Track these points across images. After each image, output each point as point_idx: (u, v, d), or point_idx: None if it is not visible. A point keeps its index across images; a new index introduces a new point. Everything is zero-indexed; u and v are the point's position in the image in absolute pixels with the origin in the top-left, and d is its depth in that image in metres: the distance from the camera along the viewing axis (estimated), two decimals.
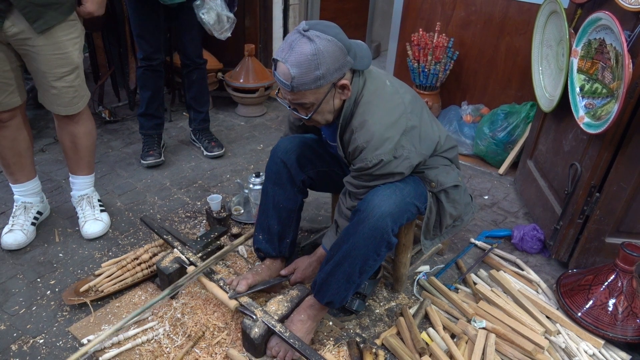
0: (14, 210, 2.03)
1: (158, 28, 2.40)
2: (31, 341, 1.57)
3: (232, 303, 1.55)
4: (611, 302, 1.65)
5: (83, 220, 2.05)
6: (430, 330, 1.64)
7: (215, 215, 2.04)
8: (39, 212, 2.07)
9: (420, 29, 2.85)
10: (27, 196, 2.04)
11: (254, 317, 1.50)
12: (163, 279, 1.71)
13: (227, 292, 1.59)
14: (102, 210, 2.11)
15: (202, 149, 2.77)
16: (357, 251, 1.42)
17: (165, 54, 2.54)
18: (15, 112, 1.86)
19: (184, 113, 3.27)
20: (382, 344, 1.59)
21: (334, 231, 1.61)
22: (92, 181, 2.12)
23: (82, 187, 2.09)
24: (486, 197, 2.51)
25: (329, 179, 1.76)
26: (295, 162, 1.67)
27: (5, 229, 1.97)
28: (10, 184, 2.05)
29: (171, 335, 1.58)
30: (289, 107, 1.43)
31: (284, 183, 1.69)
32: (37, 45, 1.67)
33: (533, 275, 1.93)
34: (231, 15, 2.46)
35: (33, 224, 2.02)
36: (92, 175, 2.11)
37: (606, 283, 1.67)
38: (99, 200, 2.14)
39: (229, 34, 2.51)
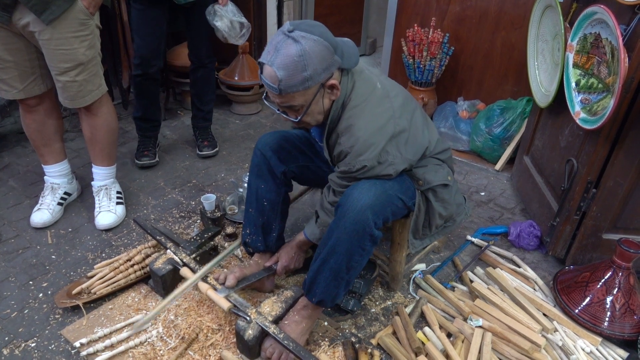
0: (43, 190, 2.15)
1: (162, 32, 2.36)
2: (23, 345, 1.56)
3: (226, 305, 1.53)
4: (608, 299, 1.64)
5: (98, 211, 2.11)
6: (427, 329, 1.63)
7: (209, 215, 2.02)
8: (66, 193, 2.18)
9: (415, 25, 2.83)
10: (55, 177, 2.14)
11: (248, 318, 1.48)
12: (156, 280, 1.70)
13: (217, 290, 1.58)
14: (118, 203, 2.15)
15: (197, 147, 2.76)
16: (341, 247, 1.41)
17: (162, 60, 2.49)
18: (42, 99, 1.96)
19: (179, 112, 3.25)
20: (378, 344, 1.58)
21: (314, 220, 1.64)
22: (112, 173, 2.19)
23: (101, 177, 2.15)
24: (482, 194, 2.50)
25: (313, 174, 1.75)
26: (274, 154, 1.67)
27: (35, 208, 2.10)
28: (42, 165, 2.15)
29: (164, 338, 1.57)
30: (278, 110, 1.41)
31: (265, 175, 1.69)
32: (43, 39, 1.71)
33: (530, 272, 1.91)
34: (244, 20, 2.44)
35: (60, 204, 2.14)
36: (111, 167, 2.17)
37: (603, 280, 1.66)
38: (118, 192, 2.19)
39: (245, 39, 2.49)
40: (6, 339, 1.57)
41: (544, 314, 1.70)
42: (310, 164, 1.73)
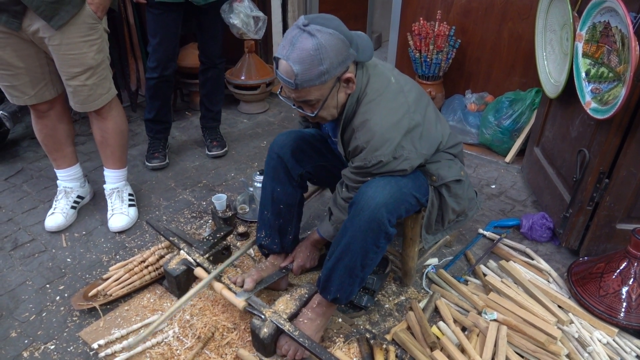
0: (57, 194, 2.17)
1: (177, 35, 2.37)
2: (42, 347, 1.58)
3: (241, 303, 1.54)
4: (624, 289, 1.63)
5: (111, 213, 2.13)
6: (441, 323, 1.63)
7: (220, 214, 2.03)
8: (79, 197, 2.21)
9: (421, 18, 2.81)
10: (67, 181, 2.17)
11: (263, 316, 1.49)
12: (170, 281, 1.71)
13: (234, 293, 1.59)
14: (131, 205, 2.18)
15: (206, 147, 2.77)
16: (356, 244, 1.41)
17: (176, 62, 2.50)
18: (53, 104, 1.98)
19: (187, 112, 3.27)
20: (393, 340, 1.58)
21: (327, 218, 1.63)
22: (124, 175, 2.21)
23: (113, 180, 2.17)
24: (493, 186, 2.48)
25: (329, 174, 1.75)
26: (292, 156, 1.66)
27: (49, 212, 2.12)
28: (54, 169, 2.17)
29: (181, 337, 1.58)
30: (294, 105, 1.41)
31: (282, 178, 1.68)
32: (53, 44, 1.73)
33: (543, 265, 1.90)
34: (260, 14, 2.45)
35: (73, 207, 2.17)
36: (123, 170, 2.19)
37: (618, 270, 1.65)
38: (130, 195, 2.21)
39: (263, 33, 2.52)
40: (25, 341, 1.60)
41: (559, 306, 1.69)
42: (327, 163, 1.73)
